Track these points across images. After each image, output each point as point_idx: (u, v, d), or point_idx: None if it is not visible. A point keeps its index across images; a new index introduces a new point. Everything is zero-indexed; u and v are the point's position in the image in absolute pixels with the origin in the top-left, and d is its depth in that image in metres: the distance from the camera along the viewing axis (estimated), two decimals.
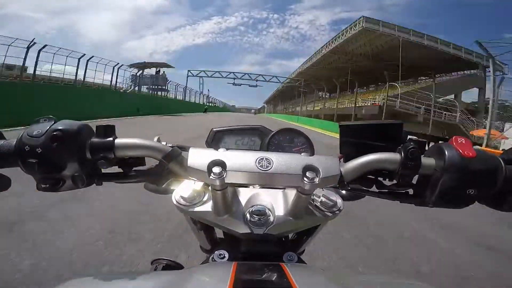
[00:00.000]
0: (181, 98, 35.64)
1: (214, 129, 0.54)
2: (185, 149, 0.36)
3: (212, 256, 0.38)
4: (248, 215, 0.37)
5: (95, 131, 0.35)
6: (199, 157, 0.33)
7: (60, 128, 0.31)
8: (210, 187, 0.36)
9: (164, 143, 0.39)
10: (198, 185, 0.40)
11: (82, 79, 16.82)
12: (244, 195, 0.40)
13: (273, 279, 0.28)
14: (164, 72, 29.83)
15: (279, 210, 0.38)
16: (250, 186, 0.42)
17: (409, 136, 0.38)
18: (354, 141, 0.40)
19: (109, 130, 0.34)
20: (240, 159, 0.33)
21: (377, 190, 0.39)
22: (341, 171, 0.34)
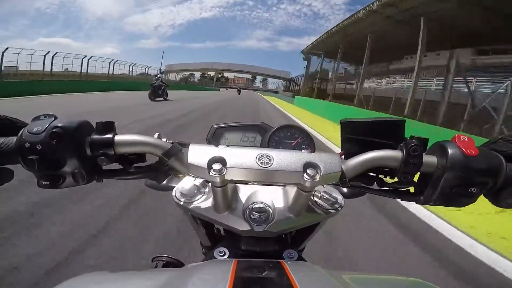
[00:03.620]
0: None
1: (215, 126, 0.54)
2: (185, 145, 0.36)
3: (212, 253, 0.38)
4: (248, 212, 0.37)
5: (95, 127, 0.35)
6: (199, 153, 0.33)
7: (59, 125, 0.31)
8: (210, 184, 0.36)
9: (164, 139, 0.39)
10: (198, 182, 0.40)
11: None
12: (244, 192, 0.40)
13: (273, 276, 0.29)
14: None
15: (280, 207, 0.38)
16: (251, 183, 0.41)
17: (411, 134, 0.38)
18: (355, 138, 0.40)
19: (109, 127, 0.34)
20: (240, 156, 0.33)
21: (378, 188, 0.39)
22: (342, 168, 0.34)
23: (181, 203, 0.38)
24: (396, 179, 0.36)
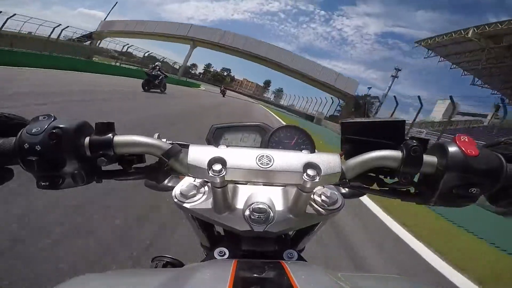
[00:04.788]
0: None
1: (214, 126, 0.54)
2: (185, 146, 0.36)
3: (212, 253, 0.38)
4: (248, 213, 0.37)
5: (94, 128, 0.35)
6: (199, 154, 0.33)
7: (58, 125, 0.31)
8: (210, 184, 0.36)
9: (164, 140, 0.39)
10: (198, 182, 0.40)
11: None
12: (244, 192, 0.40)
13: (274, 276, 0.28)
14: None
15: (280, 207, 0.38)
16: (251, 183, 0.41)
17: (410, 134, 0.38)
18: (355, 138, 0.40)
19: (108, 127, 0.34)
20: (240, 156, 0.33)
21: (378, 188, 0.39)
22: (342, 168, 0.34)
23: (181, 203, 0.38)
24: (396, 179, 0.36)
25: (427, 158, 0.35)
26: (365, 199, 3.09)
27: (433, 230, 2.78)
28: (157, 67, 11.61)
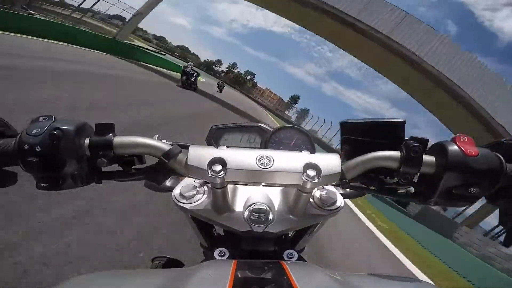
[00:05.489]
0: None
1: (214, 126, 0.54)
2: (185, 146, 0.36)
3: (212, 254, 0.38)
4: (248, 213, 0.37)
5: (94, 128, 0.35)
6: (199, 155, 0.33)
7: (58, 126, 0.31)
8: (210, 185, 0.36)
9: (164, 140, 0.39)
10: (198, 183, 0.40)
11: None
12: (244, 193, 0.40)
13: (273, 277, 0.29)
14: None
15: (279, 208, 0.38)
16: (250, 184, 0.41)
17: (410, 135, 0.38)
18: (355, 138, 0.40)
19: (108, 128, 0.34)
20: (240, 157, 0.33)
21: (378, 188, 0.39)
22: (342, 169, 0.34)
23: (181, 204, 0.38)
24: (396, 179, 0.36)
25: (426, 158, 0.35)
26: None
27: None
28: (190, 65, 12.04)
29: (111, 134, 0.34)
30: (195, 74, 11.91)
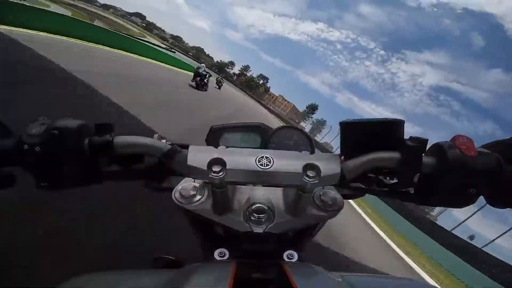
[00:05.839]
0: None
1: (214, 126, 0.54)
2: (185, 146, 0.36)
3: (212, 254, 0.38)
4: (248, 214, 0.37)
5: (94, 128, 0.35)
6: (199, 155, 0.33)
7: (58, 126, 0.31)
8: (210, 185, 0.36)
9: (164, 140, 0.39)
10: (198, 183, 0.40)
11: None
12: (244, 193, 0.40)
13: (274, 277, 0.29)
14: None
15: (279, 208, 0.38)
16: (250, 184, 0.41)
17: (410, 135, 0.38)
18: (354, 139, 0.40)
19: (108, 128, 0.34)
20: (240, 157, 0.33)
21: (378, 189, 0.39)
22: (341, 169, 0.34)
23: (181, 204, 0.38)
24: (395, 180, 0.36)
25: (426, 158, 0.35)
26: None
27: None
28: (203, 67, 12.22)
29: (111, 134, 0.34)
30: (207, 76, 12.09)
